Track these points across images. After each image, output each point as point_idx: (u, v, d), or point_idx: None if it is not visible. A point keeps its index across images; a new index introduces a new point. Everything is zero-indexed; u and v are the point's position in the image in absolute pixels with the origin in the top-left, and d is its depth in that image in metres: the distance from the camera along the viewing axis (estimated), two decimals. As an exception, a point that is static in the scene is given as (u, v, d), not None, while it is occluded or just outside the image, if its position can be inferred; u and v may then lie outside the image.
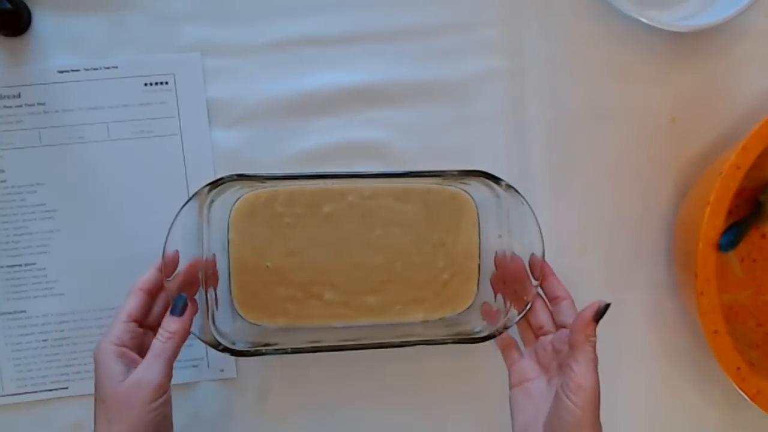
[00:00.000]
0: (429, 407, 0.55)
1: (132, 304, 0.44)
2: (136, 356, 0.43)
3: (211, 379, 0.53)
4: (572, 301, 0.47)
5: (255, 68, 0.52)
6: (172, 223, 0.44)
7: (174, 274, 0.44)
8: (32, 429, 0.52)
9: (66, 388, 0.52)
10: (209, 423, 0.53)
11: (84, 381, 0.52)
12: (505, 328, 0.48)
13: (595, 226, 0.56)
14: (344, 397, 0.54)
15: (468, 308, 0.52)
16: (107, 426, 0.40)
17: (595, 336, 0.42)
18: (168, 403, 0.42)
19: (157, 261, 0.45)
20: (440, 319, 0.52)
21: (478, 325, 0.50)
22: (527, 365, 0.48)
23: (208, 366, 0.53)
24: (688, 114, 0.56)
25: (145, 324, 0.45)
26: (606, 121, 0.55)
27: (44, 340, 0.52)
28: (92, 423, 0.53)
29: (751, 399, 0.50)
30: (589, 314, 0.42)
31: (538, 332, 0.48)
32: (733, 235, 0.54)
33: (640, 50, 0.55)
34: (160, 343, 0.42)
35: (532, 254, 0.47)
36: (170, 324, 0.43)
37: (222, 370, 0.53)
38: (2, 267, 0.51)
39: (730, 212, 0.49)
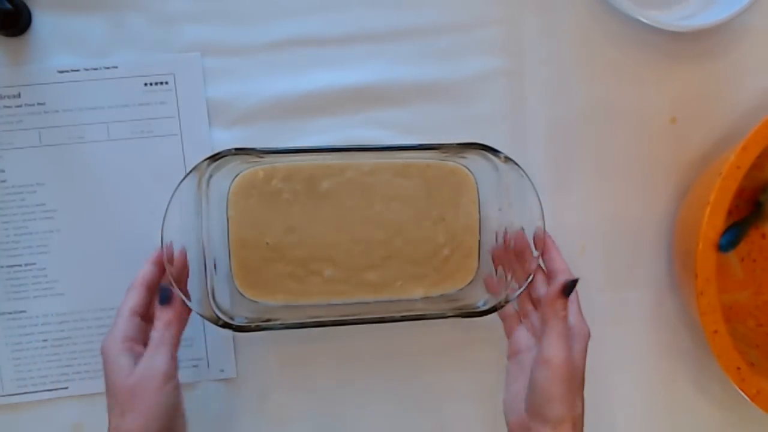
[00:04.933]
0: (432, 406, 0.55)
1: (133, 299, 0.45)
2: (142, 349, 0.43)
3: (211, 379, 0.53)
4: (569, 274, 0.47)
5: (255, 68, 0.52)
6: (172, 197, 0.45)
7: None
8: (32, 429, 0.52)
9: (66, 388, 0.52)
10: (209, 423, 0.53)
11: (84, 381, 0.52)
12: (507, 301, 0.48)
13: (595, 226, 0.56)
14: (344, 398, 0.54)
15: (469, 284, 0.52)
16: (121, 418, 0.41)
17: (565, 311, 0.42)
18: (177, 390, 0.43)
19: (152, 255, 0.46)
20: (441, 295, 0.52)
21: (478, 300, 0.50)
22: (522, 336, 0.48)
23: (208, 366, 0.53)
24: (688, 114, 0.56)
25: (147, 317, 0.46)
26: (606, 121, 0.55)
27: (44, 340, 0.52)
28: (92, 423, 0.53)
29: (751, 399, 0.50)
30: (557, 289, 0.42)
31: (537, 305, 0.48)
32: (733, 235, 0.54)
33: (640, 50, 0.55)
34: (158, 333, 0.43)
35: (537, 227, 0.47)
36: (163, 314, 0.44)
37: (222, 370, 0.53)
38: (2, 267, 0.51)
39: (730, 212, 0.49)
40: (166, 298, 0.44)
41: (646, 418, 0.57)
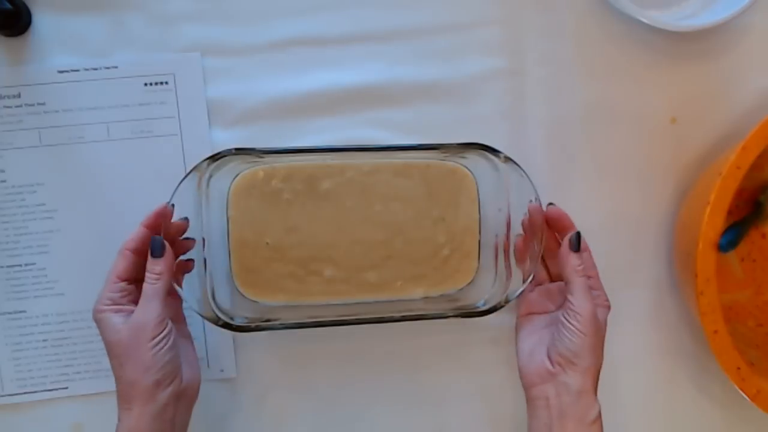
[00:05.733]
0: (432, 406, 0.55)
1: (121, 265, 0.45)
2: (131, 307, 0.44)
3: (211, 379, 0.53)
4: (588, 254, 0.50)
5: (255, 68, 0.52)
6: (172, 197, 0.45)
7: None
8: (32, 429, 0.52)
9: (66, 388, 0.52)
10: (209, 423, 0.53)
11: (84, 381, 0.52)
12: (507, 301, 0.48)
13: (596, 226, 0.55)
14: (344, 398, 0.54)
15: (469, 284, 0.52)
16: (121, 369, 0.43)
17: (581, 265, 0.46)
18: (170, 337, 0.44)
19: (144, 218, 0.46)
20: (441, 295, 0.52)
21: (478, 300, 0.50)
22: (537, 299, 0.51)
23: (208, 366, 0.53)
24: (688, 114, 0.56)
25: (135, 280, 0.46)
26: (606, 121, 0.55)
27: (44, 340, 0.52)
28: (92, 423, 0.53)
29: (751, 399, 0.50)
30: (564, 247, 0.47)
31: (554, 277, 0.52)
32: (733, 235, 0.54)
33: (640, 50, 0.55)
34: (150, 285, 0.44)
35: (550, 204, 0.50)
36: (154, 266, 0.44)
37: (222, 370, 0.53)
38: (2, 267, 0.51)
39: (730, 212, 0.49)
40: (158, 250, 0.44)
41: (646, 418, 0.57)
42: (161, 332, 0.43)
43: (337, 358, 0.54)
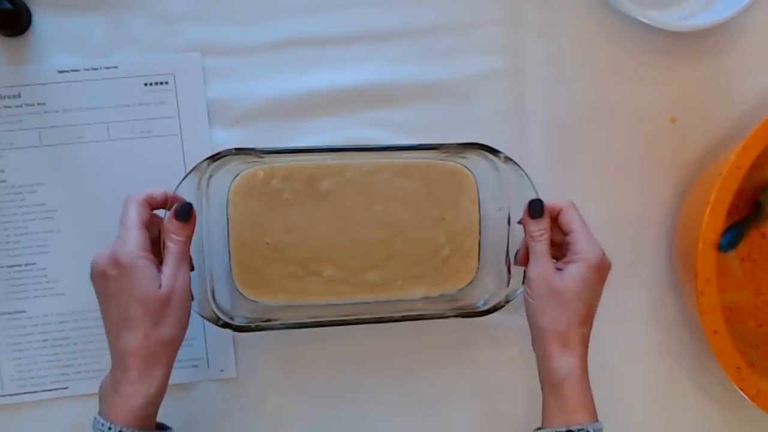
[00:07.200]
0: (432, 406, 0.55)
1: (140, 212, 0.44)
2: (155, 260, 0.43)
3: (211, 379, 0.53)
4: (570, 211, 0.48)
5: (255, 68, 0.52)
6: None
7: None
8: (32, 429, 0.52)
9: (66, 388, 0.52)
10: (209, 423, 0.53)
11: (84, 381, 0.52)
12: (507, 301, 0.49)
13: (595, 225, 0.55)
14: (344, 398, 0.54)
15: (469, 284, 0.52)
16: (154, 328, 0.42)
17: (540, 232, 0.46)
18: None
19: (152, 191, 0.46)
20: (441, 295, 0.52)
21: (478, 300, 0.51)
22: None
23: (208, 366, 0.53)
24: (688, 114, 0.56)
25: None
26: (606, 121, 0.55)
27: (44, 340, 0.52)
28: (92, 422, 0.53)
29: (751, 399, 0.50)
30: (524, 214, 0.47)
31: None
32: (733, 235, 0.54)
33: (640, 50, 0.55)
34: (179, 247, 0.44)
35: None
36: (182, 230, 0.44)
37: (222, 370, 0.53)
38: (2, 267, 0.51)
39: (730, 212, 0.49)
40: (186, 214, 0.44)
41: (646, 418, 0.57)
42: (190, 296, 0.44)
43: (338, 358, 0.54)
